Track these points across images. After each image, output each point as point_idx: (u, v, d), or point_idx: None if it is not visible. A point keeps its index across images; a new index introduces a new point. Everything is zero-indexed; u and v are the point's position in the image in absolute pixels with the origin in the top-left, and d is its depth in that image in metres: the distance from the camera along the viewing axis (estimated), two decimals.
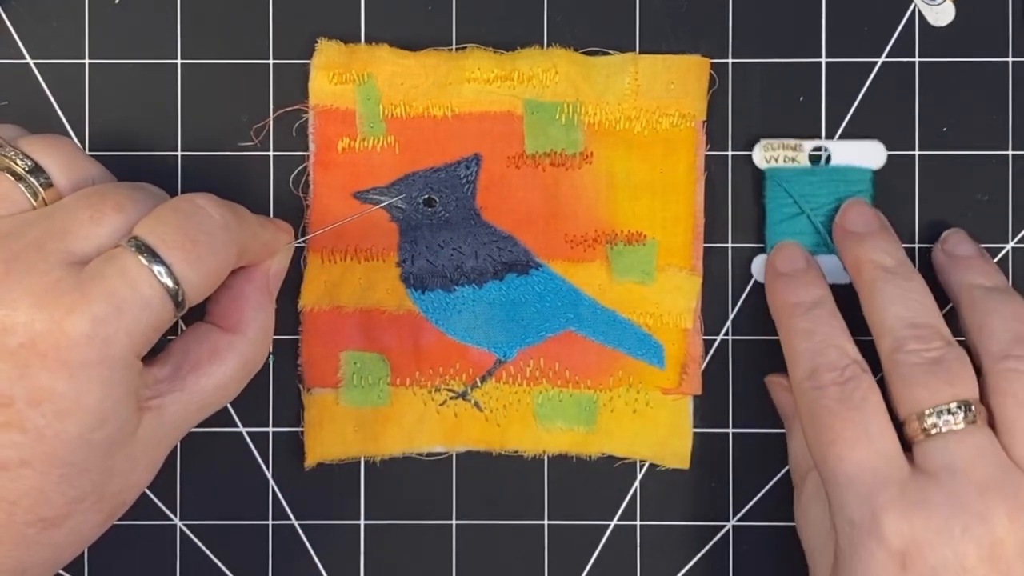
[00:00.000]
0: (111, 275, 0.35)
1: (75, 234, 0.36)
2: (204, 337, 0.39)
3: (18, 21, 0.45)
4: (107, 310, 0.35)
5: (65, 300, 0.34)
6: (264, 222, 0.41)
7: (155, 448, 0.38)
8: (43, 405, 0.34)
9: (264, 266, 0.41)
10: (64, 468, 0.35)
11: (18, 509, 0.35)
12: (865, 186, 0.45)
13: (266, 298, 0.41)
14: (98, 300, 0.35)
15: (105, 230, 0.36)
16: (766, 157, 0.45)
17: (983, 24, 0.45)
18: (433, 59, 0.45)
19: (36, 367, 0.34)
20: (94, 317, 0.34)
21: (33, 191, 0.37)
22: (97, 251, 0.36)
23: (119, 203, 0.37)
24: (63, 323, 0.34)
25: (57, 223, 0.36)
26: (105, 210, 0.37)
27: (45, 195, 0.37)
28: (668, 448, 0.45)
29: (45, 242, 0.36)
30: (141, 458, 0.37)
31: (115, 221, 0.37)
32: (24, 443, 0.34)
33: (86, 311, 0.34)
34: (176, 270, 0.36)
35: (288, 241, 0.42)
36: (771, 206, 0.45)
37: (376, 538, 0.46)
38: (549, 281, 0.45)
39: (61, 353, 0.34)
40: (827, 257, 0.45)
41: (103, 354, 0.35)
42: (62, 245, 0.36)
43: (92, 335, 0.34)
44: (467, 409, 0.45)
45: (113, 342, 0.35)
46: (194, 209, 0.37)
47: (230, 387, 0.39)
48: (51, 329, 0.34)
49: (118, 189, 0.38)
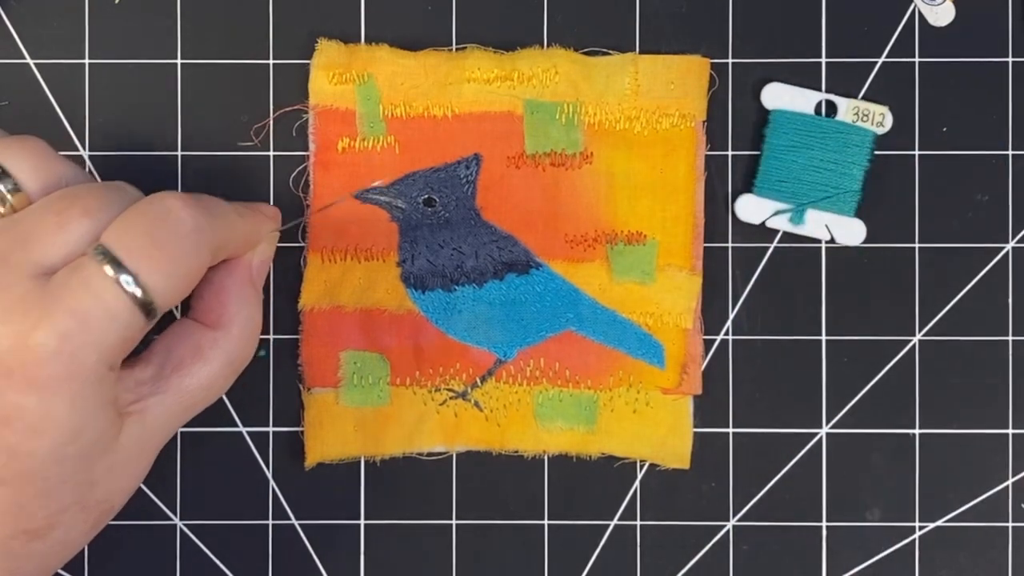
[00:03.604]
0: (75, 287, 0.34)
1: (41, 242, 0.35)
2: (187, 335, 0.38)
3: (18, 21, 0.45)
4: (72, 324, 0.33)
5: (31, 315, 0.33)
6: (244, 211, 0.39)
7: (140, 454, 0.37)
8: (13, 423, 0.33)
9: (245, 259, 0.40)
10: (40, 483, 0.34)
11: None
12: (867, 147, 0.44)
13: (250, 291, 0.39)
14: (63, 314, 0.33)
15: (73, 236, 0.35)
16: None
17: (983, 24, 0.45)
18: (433, 59, 0.45)
19: (3, 385, 0.33)
20: (60, 332, 0.33)
21: (0, 197, 0.36)
22: (64, 260, 0.35)
23: (86, 207, 0.35)
24: (28, 339, 0.33)
25: (23, 232, 0.35)
26: (72, 215, 0.35)
27: (14, 201, 0.36)
28: (668, 448, 0.45)
29: (10, 254, 0.34)
30: (126, 464, 0.36)
31: (83, 226, 0.35)
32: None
33: (51, 327, 0.33)
34: (143, 279, 0.34)
35: (272, 228, 0.41)
36: (771, 140, 0.45)
37: (376, 538, 0.46)
38: (549, 281, 0.45)
39: (28, 370, 0.33)
40: (818, 214, 0.45)
41: (71, 369, 0.34)
42: (27, 256, 0.34)
43: (59, 351, 0.33)
44: (467, 409, 0.45)
45: (80, 356, 0.34)
46: (163, 212, 0.36)
47: (215, 386, 0.39)
48: (17, 346, 0.33)
49: (88, 191, 0.36)
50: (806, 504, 0.46)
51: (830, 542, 0.46)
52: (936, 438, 0.45)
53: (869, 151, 0.44)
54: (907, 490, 0.46)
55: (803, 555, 0.45)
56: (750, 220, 0.45)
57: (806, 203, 0.45)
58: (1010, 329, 0.45)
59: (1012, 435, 0.45)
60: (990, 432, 0.46)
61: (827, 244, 0.45)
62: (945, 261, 0.45)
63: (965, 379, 0.45)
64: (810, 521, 0.46)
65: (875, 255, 0.45)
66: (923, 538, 0.46)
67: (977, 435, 0.46)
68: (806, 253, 0.45)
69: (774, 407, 0.45)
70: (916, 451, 0.46)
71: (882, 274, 0.45)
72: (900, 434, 0.46)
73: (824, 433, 0.45)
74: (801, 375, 0.45)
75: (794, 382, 0.45)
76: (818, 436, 0.45)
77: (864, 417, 0.45)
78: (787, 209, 0.45)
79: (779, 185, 0.45)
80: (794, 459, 0.45)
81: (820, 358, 0.45)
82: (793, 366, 0.45)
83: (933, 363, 0.45)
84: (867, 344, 0.45)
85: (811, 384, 0.45)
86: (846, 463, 0.45)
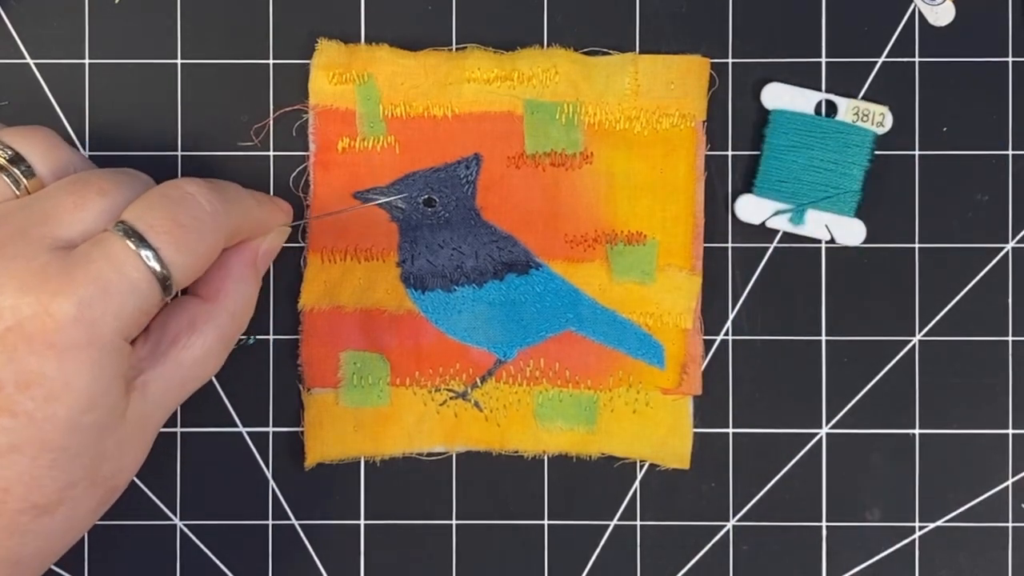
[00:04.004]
0: (97, 258, 0.35)
1: (59, 220, 0.36)
2: (181, 309, 0.39)
3: (18, 21, 0.45)
4: (93, 293, 0.35)
5: (51, 284, 0.34)
6: (262, 200, 0.41)
7: (143, 429, 0.38)
8: (32, 389, 0.34)
9: (254, 243, 0.41)
10: (55, 453, 0.35)
11: (10, 496, 0.35)
12: (867, 147, 0.44)
13: (250, 272, 0.40)
14: (84, 283, 0.35)
15: (90, 215, 0.36)
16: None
17: (983, 24, 0.45)
18: (433, 59, 0.45)
19: (24, 351, 0.34)
20: (80, 300, 0.34)
21: (15, 180, 0.38)
22: (83, 236, 0.36)
23: (102, 188, 0.37)
24: (50, 306, 0.34)
25: (41, 210, 0.36)
26: (88, 195, 0.37)
27: (28, 184, 0.38)
28: (668, 448, 0.45)
29: (29, 228, 0.36)
30: (131, 440, 0.37)
31: (99, 205, 0.37)
32: (14, 428, 0.34)
33: (72, 294, 0.34)
34: (163, 254, 0.36)
35: (283, 222, 0.42)
36: (771, 140, 0.45)
37: (376, 538, 0.46)
38: (549, 281, 0.45)
39: (48, 336, 0.34)
40: (818, 214, 0.45)
41: (90, 336, 0.35)
42: (47, 230, 0.36)
43: (79, 317, 0.34)
44: (467, 409, 0.45)
45: (100, 324, 0.35)
46: (182, 195, 0.37)
47: (209, 360, 0.39)
48: (38, 312, 0.34)
49: (101, 175, 0.38)
50: (806, 504, 0.46)
51: (830, 542, 0.46)
52: (936, 438, 0.45)
53: (869, 151, 0.44)
54: (907, 490, 0.46)
55: (803, 555, 0.45)
56: (750, 220, 0.45)
57: (806, 203, 0.45)
58: (1010, 329, 0.45)
59: (1012, 435, 0.45)
60: (990, 432, 0.46)
61: (827, 244, 0.45)
62: (945, 261, 0.45)
63: (965, 379, 0.45)
64: (810, 521, 0.46)
65: (875, 255, 0.45)
66: (923, 538, 0.46)
67: (977, 435, 0.46)
68: (806, 253, 0.45)
69: (774, 407, 0.45)
70: (916, 451, 0.46)
71: (882, 274, 0.45)
72: (900, 434, 0.46)
73: (824, 433, 0.45)
74: (801, 375, 0.45)
75: (794, 382, 0.45)
76: (818, 436, 0.45)
77: (864, 417, 0.45)
78: (787, 209, 0.45)
79: (779, 185, 0.45)
80: (794, 459, 0.45)
81: (820, 358, 0.45)
82: (793, 366, 0.45)
83: (933, 363, 0.45)
84: (867, 344, 0.45)
85: (811, 384, 0.45)
86: (846, 463, 0.45)
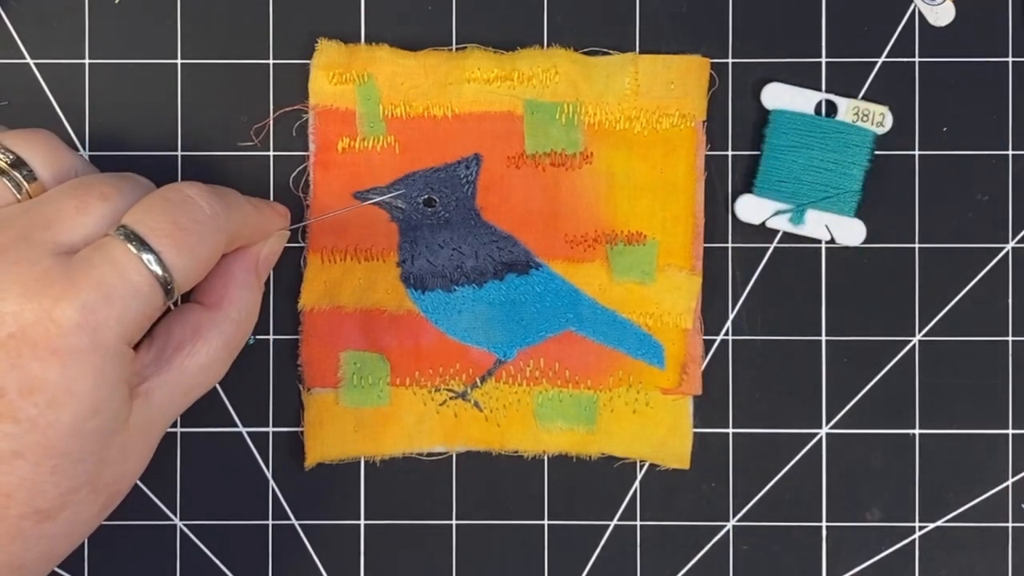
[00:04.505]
0: (100, 263, 0.35)
1: (61, 224, 0.36)
2: (187, 316, 0.39)
3: (18, 21, 0.45)
4: (96, 298, 0.35)
5: (54, 289, 0.34)
6: (260, 205, 0.41)
7: (146, 436, 0.38)
8: (35, 395, 0.34)
9: (255, 249, 0.41)
10: (57, 459, 0.35)
11: (13, 502, 0.35)
12: (867, 147, 0.44)
13: (252, 278, 0.41)
14: (87, 288, 0.35)
15: (92, 219, 0.36)
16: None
17: (983, 24, 0.45)
18: (433, 59, 0.45)
19: (27, 356, 0.34)
20: (83, 305, 0.34)
21: (16, 184, 0.38)
22: (85, 241, 0.36)
23: (104, 193, 0.37)
24: (52, 311, 0.34)
25: (43, 214, 0.36)
26: (90, 200, 0.37)
27: (29, 188, 0.38)
28: (668, 448, 0.45)
29: (32, 233, 0.36)
30: (134, 446, 0.37)
31: (101, 210, 0.37)
32: (17, 434, 0.34)
33: (75, 299, 0.34)
34: (165, 258, 0.36)
35: (282, 227, 0.42)
36: (771, 140, 0.45)
37: (376, 538, 0.46)
38: (549, 281, 0.45)
39: (52, 342, 0.34)
40: (818, 214, 0.45)
41: (94, 342, 0.35)
42: (49, 235, 0.36)
43: (82, 323, 0.34)
44: (467, 409, 0.45)
45: (103, 330, 0.35)
46: (183, 199, 0.37)
47: (213, 367, 0.39)
48: (40, 318, 0.34)
49: (103, 179, 0.38)
50: (806, 504, 0.46)
51: (830, 542, 0.46)
52: (936, 438, 0.45)
53: (869, 151, 0.44)
54: (907, 490, 0.46)
55: (803, 555, 0.45)
56: (750, 220, 0.45)
57: (806, 203, 0.45)
58: (1010, 329, 0.45)
59: (1012, 435, 0.45)
60: (990, 432, 0.46)
61: (827, 244, 0.45)
62: (945, 261, 0.45)
63: (965, 379, 0.45)
64: (810, 521, 0.46)
65: (875, 255, 0.45)
66: (923, 538, 0.46)
67: (977, 435, 0.46)
68: (806, 253, 0.45)
69: (774, 407, 0.45)
70: (916, 451, 0.46)
71: (882, 274, 0.45)
72: (900, 434, 0.46)
73: (824, 433, 0.45)
74: (801, 375, 0.45)
75: (794, 382, 0.45)
76: (818, 436, 0.45)
77: (864, 417, 0.45)
78: (787, 209, 0.45)
79: (779, 185, 0.45)
80: (794, 459, 0.46)
81: (820, 358, 0.45)
82: (793, 366, 0.45)
83: (933, 363, 0.45)
84: (867, 344, 0.45)
85: (811, 384, 0.45)
86: (846, 463, 0.45)
